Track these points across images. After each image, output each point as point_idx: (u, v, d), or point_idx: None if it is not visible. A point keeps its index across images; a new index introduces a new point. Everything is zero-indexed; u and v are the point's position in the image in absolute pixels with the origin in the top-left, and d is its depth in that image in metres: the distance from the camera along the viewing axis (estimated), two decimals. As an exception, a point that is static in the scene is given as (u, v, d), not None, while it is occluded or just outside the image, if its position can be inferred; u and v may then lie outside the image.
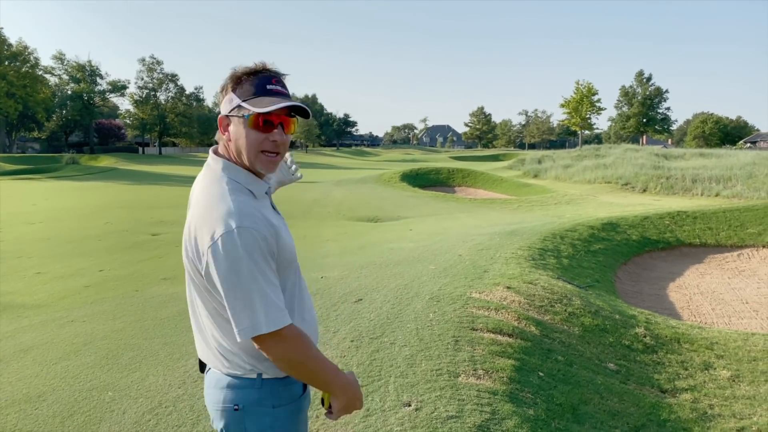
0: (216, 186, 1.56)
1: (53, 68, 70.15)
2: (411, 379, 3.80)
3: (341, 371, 1.62)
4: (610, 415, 3.94)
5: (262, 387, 1.59)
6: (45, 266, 9.72)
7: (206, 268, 1.49)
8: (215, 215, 1.47)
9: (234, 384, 1.59)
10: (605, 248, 10.60)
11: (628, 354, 5.34)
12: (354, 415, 3.30)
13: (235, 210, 1.47)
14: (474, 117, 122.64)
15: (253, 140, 1.58)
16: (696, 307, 8.29)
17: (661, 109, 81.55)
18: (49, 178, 36.86)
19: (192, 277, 1.61)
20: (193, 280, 1.61)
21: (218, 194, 1.53)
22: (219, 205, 1.50)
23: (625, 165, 30.51)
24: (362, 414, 3.31)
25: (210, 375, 1.67)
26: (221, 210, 1.48)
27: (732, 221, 12.57)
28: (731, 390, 4.84)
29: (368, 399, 3.50)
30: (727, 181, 23.94)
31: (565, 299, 6.23)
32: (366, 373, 3.90)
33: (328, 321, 5.21)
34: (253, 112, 1.55)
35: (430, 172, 29.99)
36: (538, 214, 17.15)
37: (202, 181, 1.64)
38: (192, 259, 1.56)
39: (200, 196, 1.58)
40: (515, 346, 4.60)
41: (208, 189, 1.57)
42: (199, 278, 1.56)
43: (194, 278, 1.60)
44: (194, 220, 1.54)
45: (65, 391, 4.02)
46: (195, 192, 1.65)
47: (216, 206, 1.50)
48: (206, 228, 1.47)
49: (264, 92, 1.58)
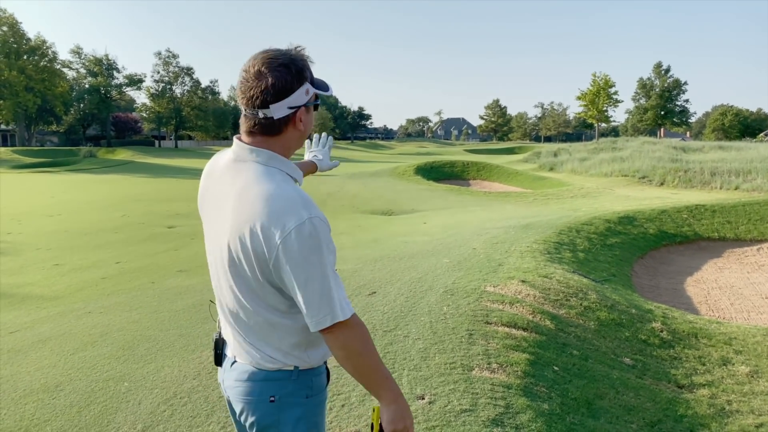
0: (268, 179, 1.51)
1: (71, 62, 70.89)
2: (425, 372, 3.79)
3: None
4: (625, 410, 3.90)
5: (298, 378, 1.60)
6: (63, 258, 9.84)
7: (276, 262, 1.45)
8: (280, 208, 1.44)
9: (270, 376, 1.59)
10: (622, 242, 10.49)
11: (645, 349, 5.29)
12: (368, 408, 3.30)
13: (302, 201, 1.46)
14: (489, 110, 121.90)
15: (311, 123, 1.65)
16: (714, 302, 8.18)
17: (679, 102, 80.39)
18: (67, 171, 37.32)
19: (240, 274, 1.54)
20: (241, 276, 1.54)
21: (275, 187, 1.49)
22: (281, 197, 1.46)
23: (642, 158, 30.14)
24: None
25: (238, 369, 1.64)
26: (287, 202, 1.45)
27: (752, 215, 12.37)
28: (750, 386, 4.77)
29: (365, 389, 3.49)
30: (747, 174, 23.57)
31: (580, 293, 6.17)
32: (379, 366, 3.89)
33: (342, 314, 5.21)
34: (325, 95, 1.63)
35: (445, 165, 29.89)
36: (553, 207, 17.02)
37: (244, 175, 1.54)
38: (247, 256, 1.49)
39: (251, 191, 1.50)
40: (530, 340, 4.57)
41: (261, 183, 1.50)
42: (253, 275, 1.51)
43: (244, 275, 1.53)
44: (251, 216, 1.46)
45: (82, 381, 4.07)
46: (236, 188, 1.54)
47: (278, 199, 1.46)
48: (273, 221, 1.43)
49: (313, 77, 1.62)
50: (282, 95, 1.52)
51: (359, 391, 3.51)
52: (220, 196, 1.58)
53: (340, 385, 3.61)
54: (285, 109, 1.54)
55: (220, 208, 1.57)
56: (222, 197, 1.57)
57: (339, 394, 3.50)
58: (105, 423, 3.40)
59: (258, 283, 1.53)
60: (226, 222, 1.53)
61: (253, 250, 1.47)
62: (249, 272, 1.52)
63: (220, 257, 1.58)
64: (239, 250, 1.50)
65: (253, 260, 1.49)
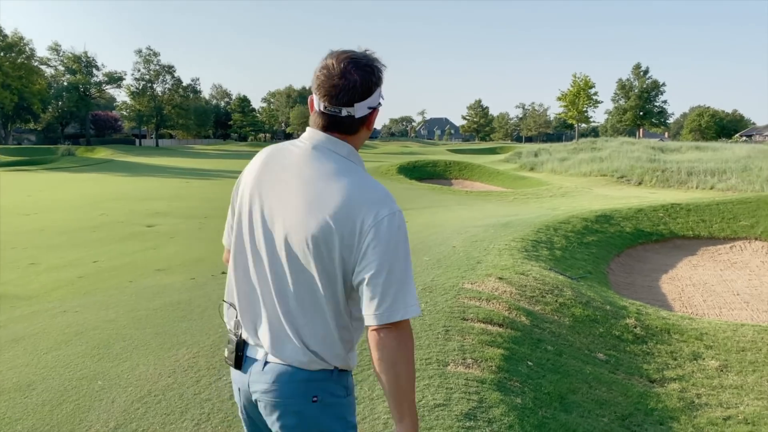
0: (357, 170, 1.57)
1: (49, 59, 69.89)
2: (400, 368, 3.81)
3: None
4: (597, 404, 3.97)
5: (338, 378, 1.59)
6: (39, 257, 9.71)
7: (364, 246, 1.46)
8: (374, 197, 1.50)
9: (313, 377, 1.56)
10: (599, 240, 10.63)
11: (618, 344, 5.38)
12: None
13: (388, 195, 1.52)
14: (471, 110, 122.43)
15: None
16: (687, 299, 8.34)
17: (657, 102, 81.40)
18: (45, 170, 36.76)
19: (310, 262, 1.52)
20: (313, 265, 1.52)
21: (367, 177, 1.56)
22: (374, 187, 1.53)
23: (621, 158, 30.56)
24: (350, 402, 3.33)
25: (276, 369, 1.58)
26: (377, 193, 1.51)
27: (725, 213, 12.62)
28: (719, 380, 4.88)
29: (357, 388, 3.52)
30: (722, 174, 24.04)
31: (556, 290, 6.26)
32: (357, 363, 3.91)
33: (320, 311, 5.23)
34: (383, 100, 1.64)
35: (427, 164, 30.01)
36: (533, 206, 17.19)
37: (329, 166, 1.56)
38: (329, 242, 1.48)
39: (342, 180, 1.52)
40: (505, 336, 4.63)
41: (351, 174, 1.55)
42: (330, 262, 1.50)
43: (319, 263, 1.51)
44: (342, 202, 1.48)
45: (55, 380, 4.03)
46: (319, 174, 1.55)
47: (371, 189, 1.52)
48: (367, 207, 1.47)
49: None
50: (366, 95, 1.55)
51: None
52: (290, 183, 1.57)
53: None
54: (365, 109, 1.57)
55: (289, 195, 1.55)
56: (293, 184, 1.56)
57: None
58: (77, 421, 3.38)
59: (330, 272, 1.51)
60: (298, 209, 1.52)
61: (339, 234, 1.47)
62: (326, 259, 1.50)
63: (282, 246, 1.54)
64: (320, 237, 1.48)
65: (336, 246, 1.48)
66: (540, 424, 3.34)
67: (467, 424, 3.12)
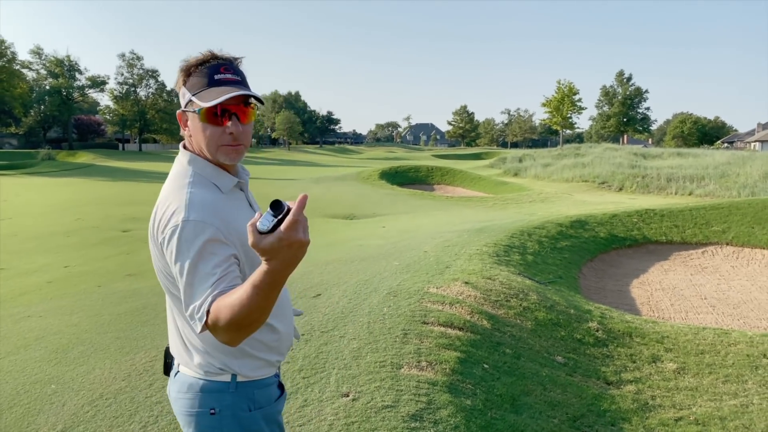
0: (179, 179, 1.54)
1: (31, 63, 68.95)
2: (354, 371, 3.84)
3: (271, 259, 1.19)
4: (550, 406, 4.02)
5: (237, 390, 1.55)
6: (9, 262, 9.61)
7: (167, 257, 1.48)
8: (172, 207, 1.46)
9: (208, 387, 1.54)
10: (572, 245, 10.74)
11: (579, 347, 5.44)
12: (290, 405, 3.34)
13: (188, 202, 1.45)
14: (457, 115, 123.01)
15: (210, 135, 1.53)
16: (656, 303, 8.45)
17: (641, 109, 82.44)
18: (24, 174, 36.32)
19: (158, 267, 1.56)
20: (161, 271, 1.55)
21: (178, 187, 1.52)
22: (176, 197, 1.48)
23: (603, 164, 30.86)
24: (299, 404, 3.35)
25: (179, 380, 1.59)
26: (177, 202, 1.46)
27: (698, 219, 12.79)
28: (675, 382, 4.95)
29: (308, 390, 3.54)
30: (701, 180, 24.37)
31: (521, 294, 6.32)
32: (310, 366, 3.94)
33: (283, 315, 5.23)
34: (202, 107, 1.49)
35: (410, 170, 30.08)
36: (511, 211, 17.31)
37: (170, 174, 1.62)
38: (158, 248, 1.52)
39: (164, 189, 1.56)
40: (463, 339, 4.67)
41: (172, 182, 1.55)
42: (165, 267, 1.52)
43: (161, 269, 1.55)
44: (157, 211, 1.51)
45: (8, 384, 4.01)
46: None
47: (174, 198, 1.49)
48: (164, 219, 1.46)
49: (213, 83, 1.51)
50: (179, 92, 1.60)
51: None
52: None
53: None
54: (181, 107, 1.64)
55: None
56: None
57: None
58: (25, 425, 3.36)
59: (167, 276, 1.55)
60: None
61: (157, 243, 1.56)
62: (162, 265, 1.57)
63: None
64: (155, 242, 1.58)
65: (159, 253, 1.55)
66: (487, 425, 3.38)
67: (413, 425, 3.15)
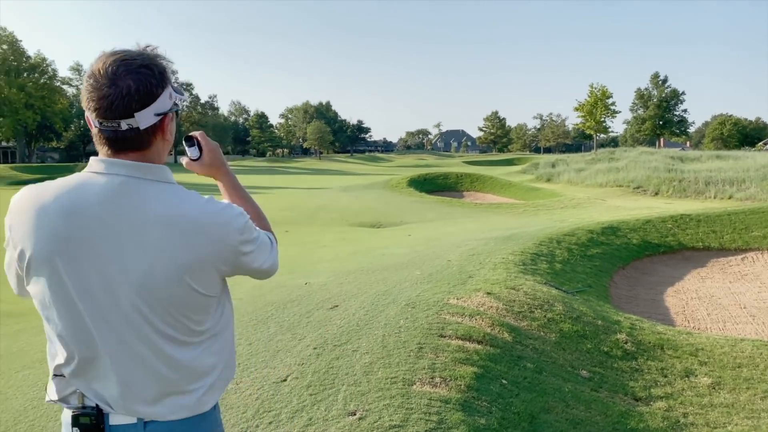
0: (189, 194, 1.41)
1: (71, 79, 71.49)
2: (363, 387, 3.71)
3: None
4: (572, 424, 3.81)
5: (213, 413, 1.47)
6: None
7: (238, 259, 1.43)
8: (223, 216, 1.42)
9: (196, 421, 1.40)
10: (603, 252, 10.40)
11: (606, 361, 5.20)
12: (294, 424, 3.23)
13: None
14: (488, 121, 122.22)
15: (174, 132, 1.50)
16: (691, 312, 8.09)
17: (677, 111, 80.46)
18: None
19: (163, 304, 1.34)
20: (164, 307, 1.34)
21: (208, 199, 1.41)
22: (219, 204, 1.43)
23: (638, 168, 30.13)
24: (303, 423, 3.23)
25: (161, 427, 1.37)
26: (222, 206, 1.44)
27: (737, 224, 12.28)
28: (709, 398, 4.67)
29: (314, 408, 3.42)
30: (741, 183, 23.54)
31: (546, 305, 6.09)
32: (319, 382, 3.82)
33: (298, 328, 5.14)
34: (185, 101, 1.48)
35: (438, 177, 29.89)
36: (542, 218, 16.96)
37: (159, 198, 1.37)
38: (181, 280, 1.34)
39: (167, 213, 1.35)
40: (482, 353, 4.49)
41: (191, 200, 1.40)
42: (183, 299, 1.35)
43: (172, 302, 1.34)
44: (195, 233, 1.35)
45: (18, 399, 3.97)
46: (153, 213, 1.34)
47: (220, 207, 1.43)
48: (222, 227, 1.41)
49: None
50: (148, 101, 1.33)
51: (290, 409, 3.43)
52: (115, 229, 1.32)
53: (273, 402, 3.54)
54: (152, 117, 1.35)
55: (117, 242, 1.32)
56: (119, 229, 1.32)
57: (269, 411, 3.42)
58: (30, 442, 3.33)
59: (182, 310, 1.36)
60: (137, 254, 1.31)
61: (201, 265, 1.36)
62: (180, 295, 1.35)
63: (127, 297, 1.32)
64: (175, 277, 1.33)
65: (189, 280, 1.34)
66: (501, 447, 3.21)
67: (420, 447, 3.00)
